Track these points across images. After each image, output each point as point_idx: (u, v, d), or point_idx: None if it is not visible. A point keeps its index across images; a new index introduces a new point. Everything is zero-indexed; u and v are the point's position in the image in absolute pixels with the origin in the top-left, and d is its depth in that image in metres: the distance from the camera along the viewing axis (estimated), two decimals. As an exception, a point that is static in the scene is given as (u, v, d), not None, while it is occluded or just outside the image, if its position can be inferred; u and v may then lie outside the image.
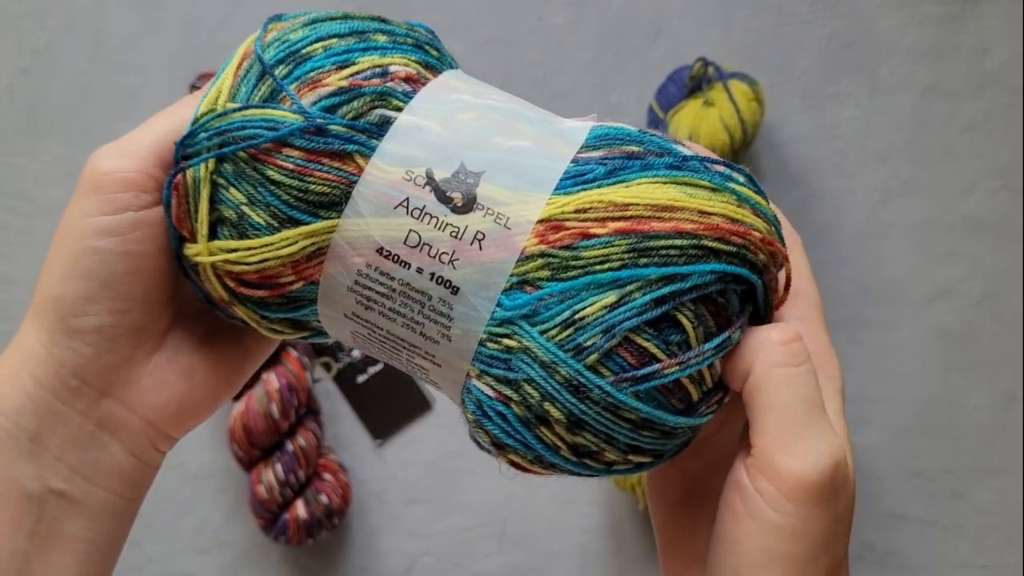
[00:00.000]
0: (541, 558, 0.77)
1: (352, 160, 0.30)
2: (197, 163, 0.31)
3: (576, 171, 0.30)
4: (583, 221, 0.29)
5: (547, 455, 0.30)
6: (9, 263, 0.77)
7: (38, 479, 0.32)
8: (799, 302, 0.33)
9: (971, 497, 0.78)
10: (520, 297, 0.29)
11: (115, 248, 0.31)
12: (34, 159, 0.78)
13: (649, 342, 0.29)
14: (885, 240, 0.78)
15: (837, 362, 0.32)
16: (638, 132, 0.32)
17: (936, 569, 0.78)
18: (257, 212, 0.30)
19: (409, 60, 0.32)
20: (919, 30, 0.79)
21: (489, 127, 0.31)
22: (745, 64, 0.77)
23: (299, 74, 0.31)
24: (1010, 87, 0.79)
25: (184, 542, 0.76)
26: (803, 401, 0.29)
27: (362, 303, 0.31)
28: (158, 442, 0.35)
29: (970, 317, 0.78)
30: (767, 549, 0.29)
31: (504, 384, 0.30)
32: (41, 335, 0.32)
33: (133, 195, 0.32)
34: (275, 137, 0.30)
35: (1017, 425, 0.78)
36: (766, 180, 0.79)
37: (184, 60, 0.77)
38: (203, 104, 0.31)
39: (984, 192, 0.79)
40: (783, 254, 0.31)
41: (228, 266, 0.31)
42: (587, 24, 0.79)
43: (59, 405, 0.32)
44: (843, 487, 0.29)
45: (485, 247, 0.29)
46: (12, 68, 0.78)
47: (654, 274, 0.29)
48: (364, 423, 0.78)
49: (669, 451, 0.31)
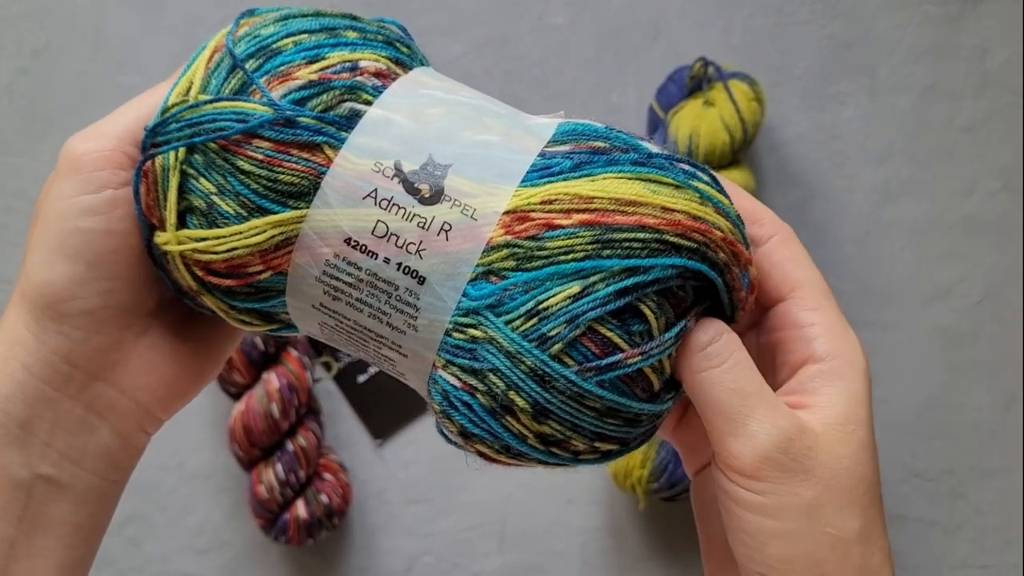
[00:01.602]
0: (541, 558, 0.77)
1: (321, 151, 0.30)
2: (166, 151, 0.31)
3: (543, 164, 0.31)
4: (548, 212, 0.30)
5: (514, 444, 0.31)
6: (9, 263, 0.77)
7: (26, 466, 0.32)
8: (805, 292, 0.33)
9: (971, 497, 0.78)
10: (485, 287, 0.30)
11: (99, 227, 0.31)
12: (34, 159, 0.78)
13: (612, 332, 0.29)
14: (885, 240, 0.78)
15: (857, 345, 0.33)
16: (604, 128, 0.32)
17: (936, 569, 0.78)
18: (226, 201, 0.30)
19: (379, 56, 0.32)
20: (919, 30, 0.79)
21: (458, 121, 0.31)
22: (745, 64, 0.77)
23: (269, 68, 0.31)
24: (1010, 87, 0.79)
25: (184, 542, 0.76)
26: (733, 394, 0.30)
27: (330, 293, 0.31)
28: (146, 424, 0.35)
29: (970, 317, 0.78)
30: (761, 530, 0.30)
31: (470, 374, 0.30)
32: (29, 323, 0.32)
33: (111, 172, 0.32)
34: (245, 128, 0.30)
35: (1017, 425, 0.78)
36: (766, 180, 0.79)
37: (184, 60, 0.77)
38: (173, 94, 0.32)
39: (984, 192, 0.79)
40: (745, 255, 0.32)
41: (197, 255, 0.31)
42: (587, 24, 0.79)
43: (50, 391, 0.32)
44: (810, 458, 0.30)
45: (452, 237, 0.30)
46: (12, 68, 0.78)
47: (617, 266, 0.29)
48: (364, 423, 0.78)
49: (634, 439, 0.32)
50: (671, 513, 0.77)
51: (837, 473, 0.30)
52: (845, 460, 0.30)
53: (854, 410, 0.31)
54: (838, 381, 0.32)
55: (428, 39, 0.79)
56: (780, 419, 0.30)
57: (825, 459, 0.30)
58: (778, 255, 0.34)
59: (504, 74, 0.79)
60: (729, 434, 0.30)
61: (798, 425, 0.30)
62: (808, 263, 0.34)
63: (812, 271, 0.34)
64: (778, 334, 0.33)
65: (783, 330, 0.33)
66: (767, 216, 0.34)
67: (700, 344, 0.31)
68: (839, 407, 0.31)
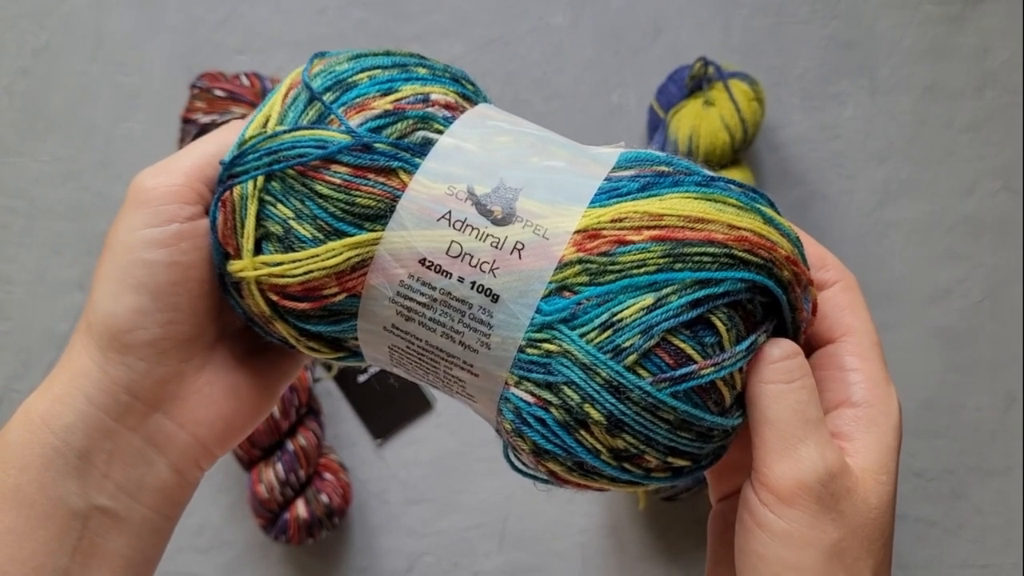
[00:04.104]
0: (541, 558, 0.77)
1: (396, 176, 0.32)
2: (246, 180, 0.32)
3: (610, 187, 0.32)
4: (619, 229, 0.31)
5: (587, 459, 0.31)
6: (9, 263, 0.77)
7: (83, 496, 0.33)
8: (855, 339, 0.34)
9: (971, 497, 0.78)
10: (559, 302, 0.30)
11: (163, 259, 0.32)
12: (34, 159, 0.78)
13: (685, 343, 0.30)
14: (885, 240, 0.78)
15: (895, 400, 0.33)
16: (666, 156, 0.34)
17: (936, 569, 0.78)
18: (304, 225, 0.32)
19: (448, 90, 0.34)
20: (919, 30, 0.79)
21: (525, 149, 0.33)
22: (745, 64, 0.77)
23: (346, 100, 0.33)
24: (1010, 87, 0.79)
25: (184, 542, 0.76)
26: (794, 414, 0.30)
27: (403, 314, 0.32)
28: (202, 459, 0.35)
29: (970, 317, 0.78)
30: (779, 559, 0.30)
31: (544, 388, 0.31)
32: (93, 353, 0.33)
33: (178, 207, 0.33)
34: (325, 154, 0.32)
35: (1017, 425, 0.78)
36: (766, 180, 0.79)
37: (184, 60, 0.77)
38: (251, 128, 0.33)
39: (984, 192, 0.79)
40: (807, 275, 0.32)
41: (272, 279, 0.32)
42: (587, 24, 0.79)
43: (110, 422, 0.33)
44: (845, 499, 0.30)
45: (524, 256, 0.31)
46: (12, 68, 0.78)
47: (689, 278, 0.30)
48: (364, 423, 0.78)
49: (705, 455, 0.32)
50: (671, 513, 0.77)
51: (865, 522, 0.30)
52: (875, 511, 0.31)
53: (887, 461, 0.32)
54: (873, 429, 0.32)
55: (429, 39, 0.79)
56: (830, 453, 0.30)
57: (859, 506, 0.30)
58: (836, 300, 0.34)
59: (504, 74, 0.79)
60: (777, 452, 0.30)
61: (844, 465, 0.30)
62: (863, 312, 0.34)
63: (866, 321, 0.34)
64: (820, 373, 0.33)
65: (826, 370, 0.33)
66: (832, 262, 0.35)
67: (773, 357, 0.31)
68: (874, 454, 0.31)
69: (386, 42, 0.79)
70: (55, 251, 0.77)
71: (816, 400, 0.31)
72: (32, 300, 0.77)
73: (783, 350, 0.31)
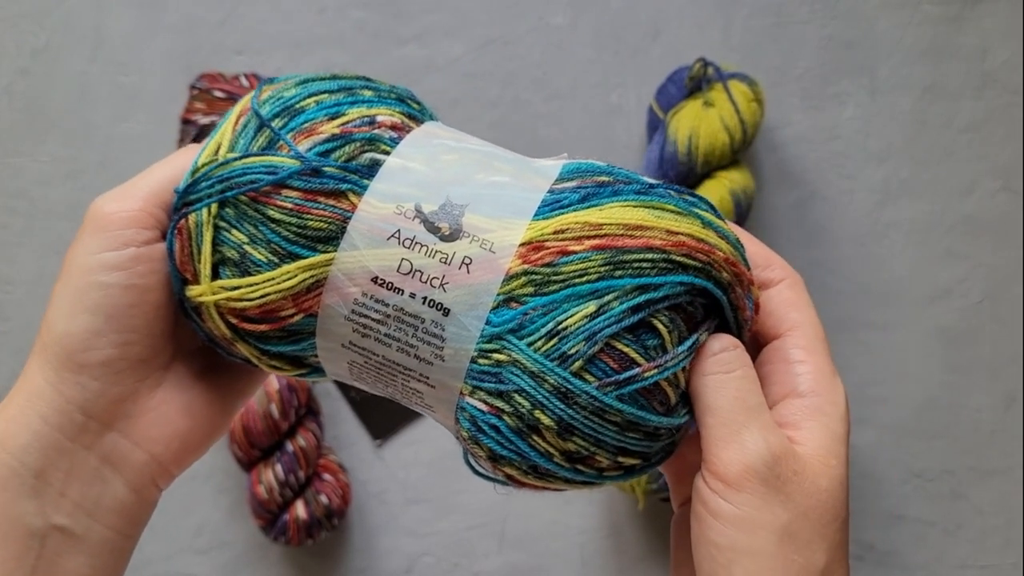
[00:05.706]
0: (541, 558, 0.77)
1: (346, 198, 0.33)
2: (200, 207, 0.33)
3: (552, 199, 0.33)
4: (561, 240, 0.32)
5: (541, 463, 0.32)
6: (9, 263, 0.77)
7: (41, 515, 0.33)
8: (800, 333, 0.34)
9: (971, 497, 0.78)
10: (507, 313, 0.31)
11: (119, 282, 0.33)
12: (34, 159, 0.78)
13: (629, 347, 0.31)
14: (885, 240, 0.78)
15: (842, 390, 0.34)
16: (606, 165, 0.35)
17: (936, 569, 0.78)
18: (258, 250, 0.33)
19: (393, 111, 0.35)
20: (919, 30, 0.79)
21: (470, 166, 0.34)
22: (745, 64, 0.77)
23: (294, 125, 0.34)
24: (1010, 87, 0.79)
25: (184, 542, 0.76)
26: (735, 402, 0.31)
27: (359, 331, 0.33)
28: (159, 478, 0.35)
29: (970, 317, 0.78)
30: (732, 545, 0.30)
31: (496, 397, 0.32)
32: (47, 373, 0.33)
33: (135, 231, 0.33)
34: (275, 180, 0.32)
35: (1017, 425, 0.78)
36: (766, 180, 0.79)
37: (184, 60, 0.77)
38: (203, 156, 0.34)
39: (984, 192, 0.79)
40: (747, 276, 0.33)
41: (231, 303, 0.33)
42: (587, 24, 0.79)
43: (65, 441, 0.33)
44: (792, 482, 0.31)
45: (473, 270, 0.32)
46: (12, 68, 0.78)
47: (629, 284, 0.31)
48: (364, 423, 0.78)
49: (655, 453, 0.33)
50: (670, 513, 0.76)
51: (815, 505, 0.31)
52: (824, 493, 0.31)
53: (835, 446, 0.32)
54: (820, 417, 0.33)
55: (429, 39, 0.79)
56: (772, 437, 0.31)
57: (807, 488, 0.31)
58: (782, 297, 0.35)
59: (504, 74, 0.79)
60: (722, 440, 0.31)
61: (789, 448, 0.31)
62: (808, 308, 0.35)
63: (811, 316, 0.35)
64: (767, 367, 0.34)
65: (773, 364, 0.34)
66: (777, 262, 0.36)
67: (712, 350, 0.32)
68: (820, 441, 0.32)
69: (386, 42, 0.79)
70: (55, 251, 0.77)
71: (757, 388, 0.32)
72: (32, 300, 0.77)
73: (722, 343, 0.32)
